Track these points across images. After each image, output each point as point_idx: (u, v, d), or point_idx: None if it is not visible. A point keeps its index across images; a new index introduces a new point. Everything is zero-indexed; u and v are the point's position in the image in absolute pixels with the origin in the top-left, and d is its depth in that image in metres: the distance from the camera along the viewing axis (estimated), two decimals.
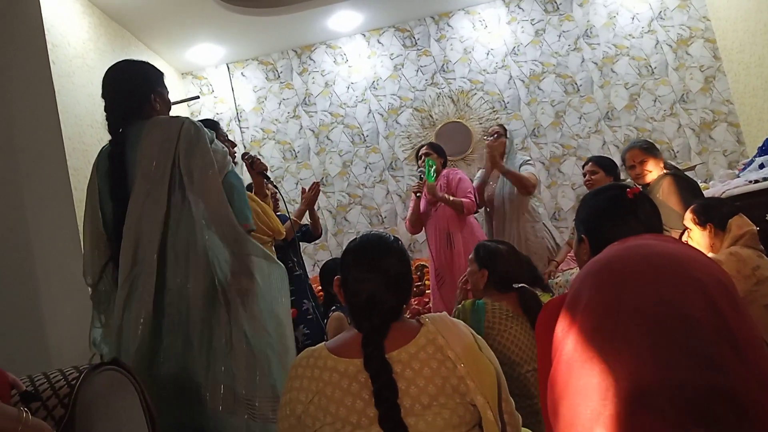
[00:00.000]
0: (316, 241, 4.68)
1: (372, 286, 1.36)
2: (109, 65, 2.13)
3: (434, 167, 3.83)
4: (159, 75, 2.15)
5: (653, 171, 3.21)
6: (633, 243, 1.25)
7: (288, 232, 3.13)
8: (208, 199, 1.88)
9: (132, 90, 2.03)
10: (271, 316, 1.96)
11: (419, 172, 3.98)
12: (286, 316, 2.04)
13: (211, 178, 1.90)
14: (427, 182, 3.81)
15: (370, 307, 1.35)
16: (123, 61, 2.16)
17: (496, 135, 4.14)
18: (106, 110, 2.05)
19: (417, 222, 4.03)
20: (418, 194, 3.96)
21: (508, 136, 4.19)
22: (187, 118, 2.01)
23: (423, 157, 3.95)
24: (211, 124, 2.56)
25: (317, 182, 3.71)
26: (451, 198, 3.81)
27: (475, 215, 3.99)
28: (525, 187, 3.89)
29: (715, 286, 1.09)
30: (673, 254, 1.17)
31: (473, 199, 3.86)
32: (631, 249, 1.22)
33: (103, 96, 2.07)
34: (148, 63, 2.19)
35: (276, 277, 2.02)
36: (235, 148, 2.80)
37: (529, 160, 4.16)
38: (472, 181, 4.01)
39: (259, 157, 3.08)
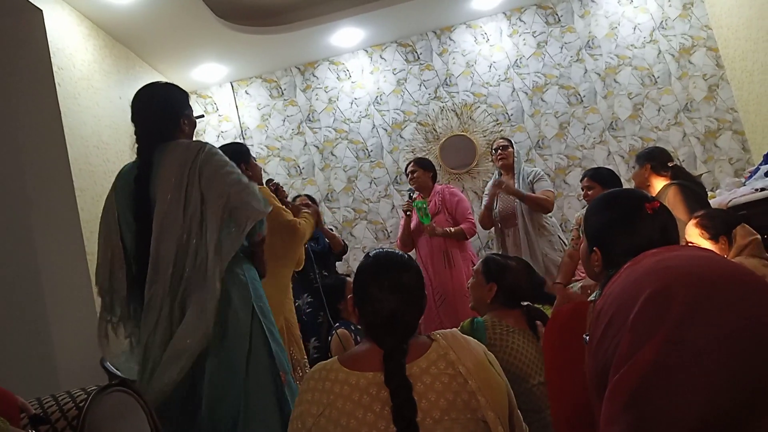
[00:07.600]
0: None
1: (393, 303, 1.36)
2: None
3: (424, 207, 3.89)
4: (186, 97, 2.16)
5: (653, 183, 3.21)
6: (700, 254, 1.14)
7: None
8: (230, 189, 1.86)
9: (163, 114, 2.03)
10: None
11: (408, 191, 4.06)
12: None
13: (229, 173, 1.89)
14: (425, 226, 3.90)
15: (393, 325, 1.35)
16: (151, 84, 2.14)
17: (501, 148, 4.16)
18: (136, 134, 2.03)
19: (408, 240, 4.08)
20: (408, 213, 4.00)
21: (514, 147, 4.22)
22: (207, 143, 2.00)
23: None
24: (240, 150, 2.57)
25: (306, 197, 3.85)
26: (452, 230, 3.89)
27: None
28: (545, 209, 3.96)
29: None
30: (745, 270, 1.08)
31: (472, 220, 3.94)
32: (710, 261, 1.09)
33: (134, 120, 2.05)
34: (174, 85, 2.19)
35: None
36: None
37: (541, 174, 4.16)
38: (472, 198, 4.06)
39: (282, 186, 3.16)
